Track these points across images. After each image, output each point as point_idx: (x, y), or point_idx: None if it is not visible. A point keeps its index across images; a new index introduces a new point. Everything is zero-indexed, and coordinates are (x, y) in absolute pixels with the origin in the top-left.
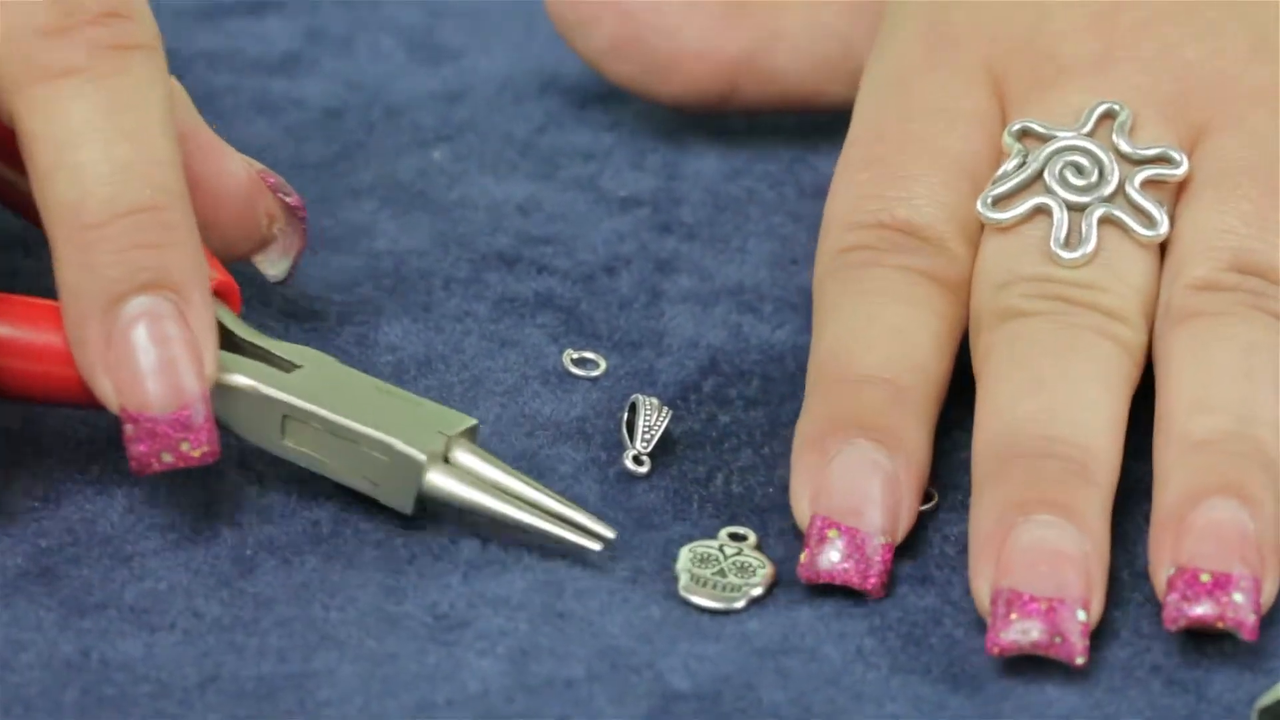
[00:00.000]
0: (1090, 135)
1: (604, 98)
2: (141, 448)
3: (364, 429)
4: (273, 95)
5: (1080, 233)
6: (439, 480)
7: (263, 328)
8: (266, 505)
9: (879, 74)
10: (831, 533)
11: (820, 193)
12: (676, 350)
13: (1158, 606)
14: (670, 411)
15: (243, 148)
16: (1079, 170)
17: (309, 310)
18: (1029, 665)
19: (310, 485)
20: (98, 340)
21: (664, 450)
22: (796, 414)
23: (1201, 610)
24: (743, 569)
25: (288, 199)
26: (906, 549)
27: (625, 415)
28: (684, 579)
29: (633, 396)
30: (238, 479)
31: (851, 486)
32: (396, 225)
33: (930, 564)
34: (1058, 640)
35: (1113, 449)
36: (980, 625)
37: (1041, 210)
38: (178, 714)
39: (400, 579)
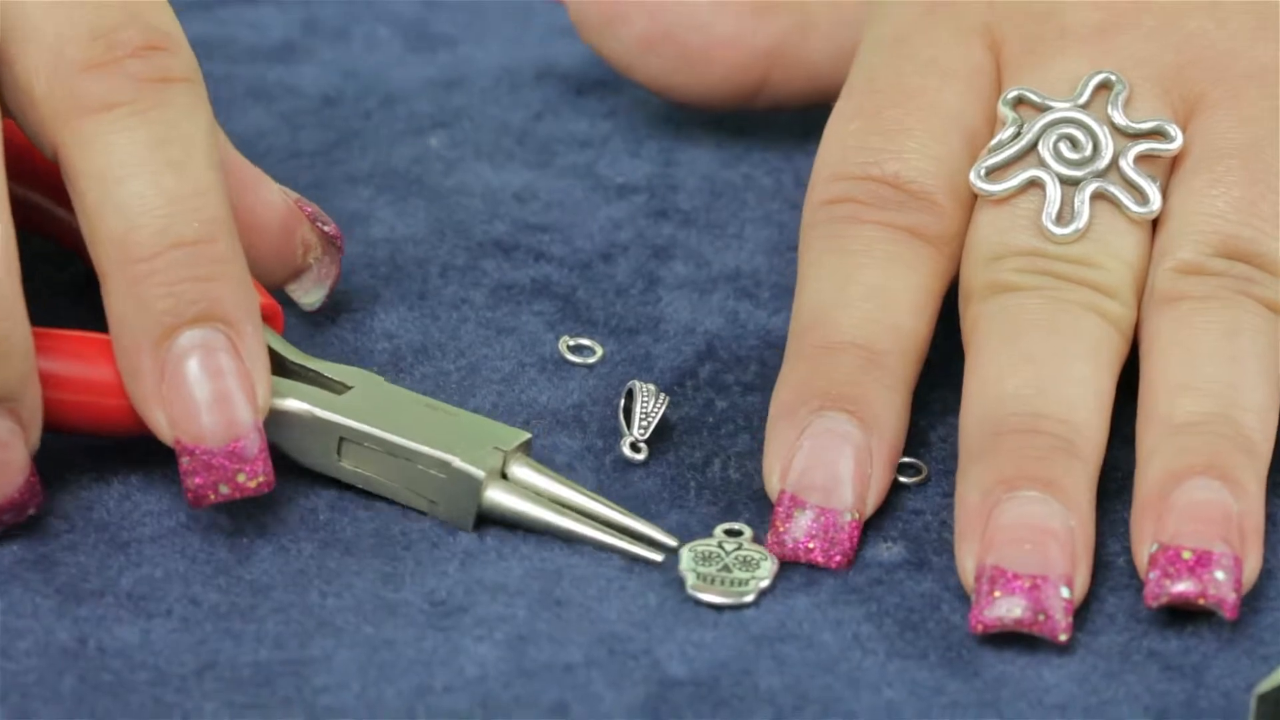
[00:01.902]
0: (1085, 107)
1: (600, 85)
2: (198, 480)
3: (421, 448)
4: (269, 83)
5: (1073, 208)
6: (499, 496)
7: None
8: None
9: (878, 33)
10: (798, 511)
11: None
12: (673, 336)
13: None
14: (667, 398)
15: (239, 136)
16: (1073, 143)
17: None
18: (1026, 649)
19: (307, 472)
20: (150, 373)
21: (661, 437)
22: None
23: (1183, 587)
24: (746, 563)
25: (325, 228)
26: (902, 534)
27: (622, 402)
28: (690, 578)
29: (630, 383)
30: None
31: (820, 462)
32: (393, 213)
33: (927, 549)
34: (1041, 618)
35: (1099, 424)
36: None
37: (1035, 183)
38: (175, 701)
39: (397, 565)
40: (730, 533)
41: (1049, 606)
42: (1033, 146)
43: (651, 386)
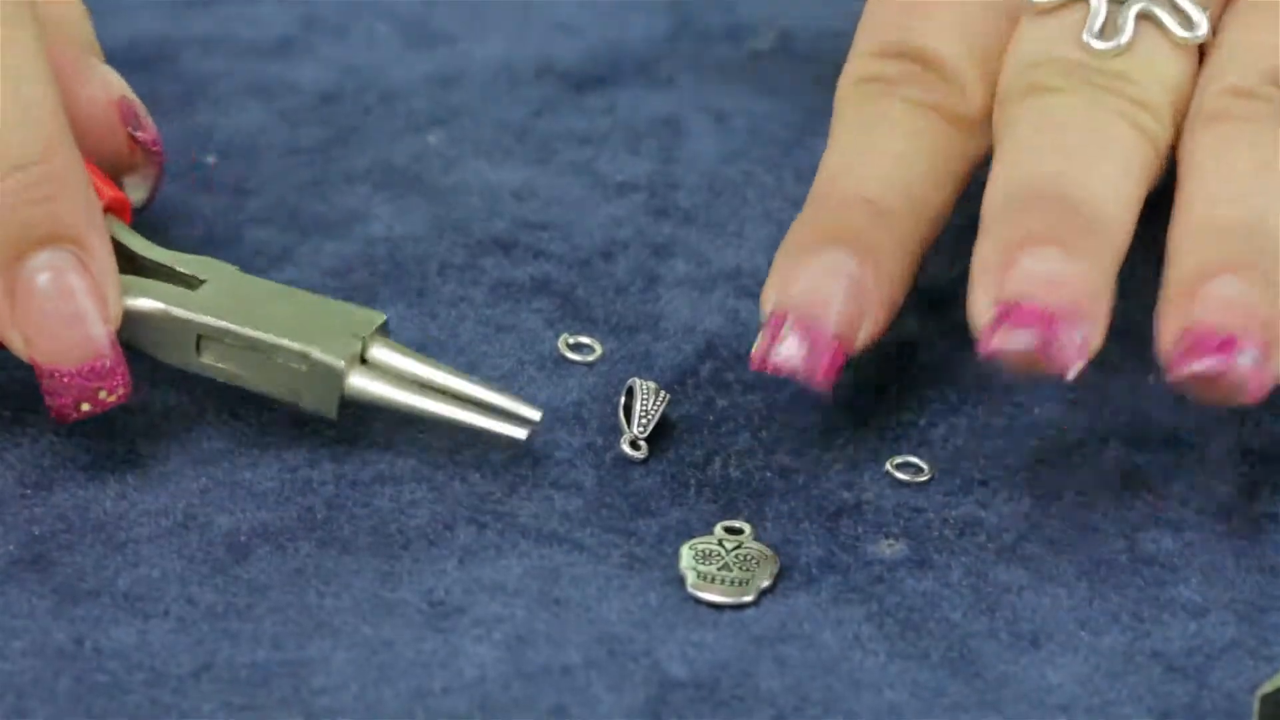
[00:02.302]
0: None
1: (600, 82)
2: (60, 400)
3: (280, 340)
4: (267, 80)
5: (1116, 25)
6: (361, 383)
7: None
8: (260, 491)
9: None
10: (785, 329)
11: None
12: (673, 335)
13: (1158, 591)
14: (668, 396)
15: (237, 132)
16: None
17: (306, 288)
18: (1029, 649)
19: (304, 471)
20: (2, 297)
21: (661, 435)
22: (795, 398)
23: (1208, 364)
24: (746, 561)
25: (139, 135)
26: (904, 531)
27: (622, 400)
28: (691, 577)
29: (630, 381)
30: (231, 465)
31: (815, 285)
32: (392, 210)
33: (929, 548)
34: (1055, 348)
35: (1126, 221)
36: (979, 608)
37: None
38: (171, 702)
39: (395, 565)
40: (731, 531)
41: (1063, 340)
42: None
43: (652, 384)
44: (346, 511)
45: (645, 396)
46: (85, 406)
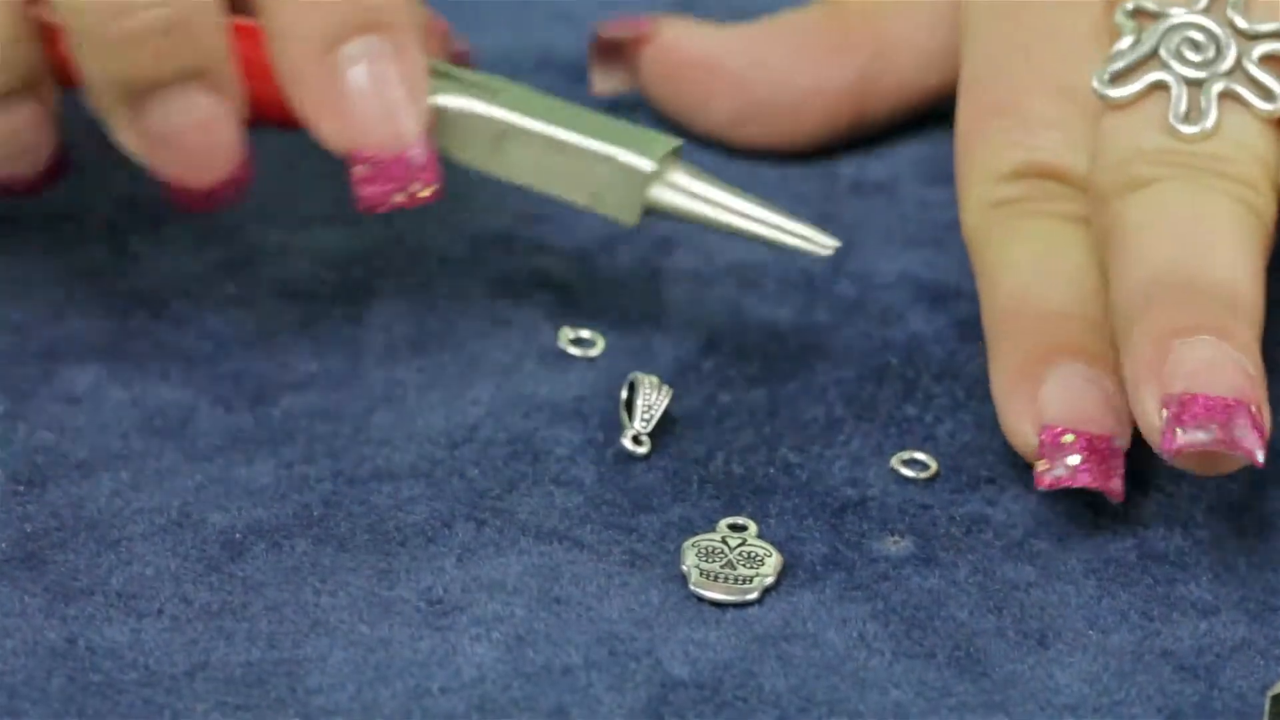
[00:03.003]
0: (1205, 11)
1: None
2: (373, 188)
3: (587, 142)
4: None
5: (1200, 108)
6: (663, 192)
7: (253, 305)
8: (256, 488)
9: (980, 5)
10: (1067, 438)
11: (822, 173)
12: (676, 328)
13: (1170, 589)
14: (670, 390)
15: None
16: (1195, 46)
17: (302, 289)
18: (1037, 648)
19: (300, 467)
20: (318, 82)
21: (663, 430)
22: (798, 394)
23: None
24: (750, 559)
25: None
26: (910, 528)
27: (624, 394)
28: (694, 575)
29: (632, 375)
30: (226, 462)
31: (1075, 397)
32: None
33: (935, 545)
34: (1238, 436)
35: (1257, 296)
36: (986, 606)
37: (1159, 86)
38: (166, 702)
39: (393, 562)
40: (734, 527)
41: (1241, 427)
42: (1154, 52)
43: (654, 379)
44: (343, 508)
45: (648, 391)
46: (398, 198)
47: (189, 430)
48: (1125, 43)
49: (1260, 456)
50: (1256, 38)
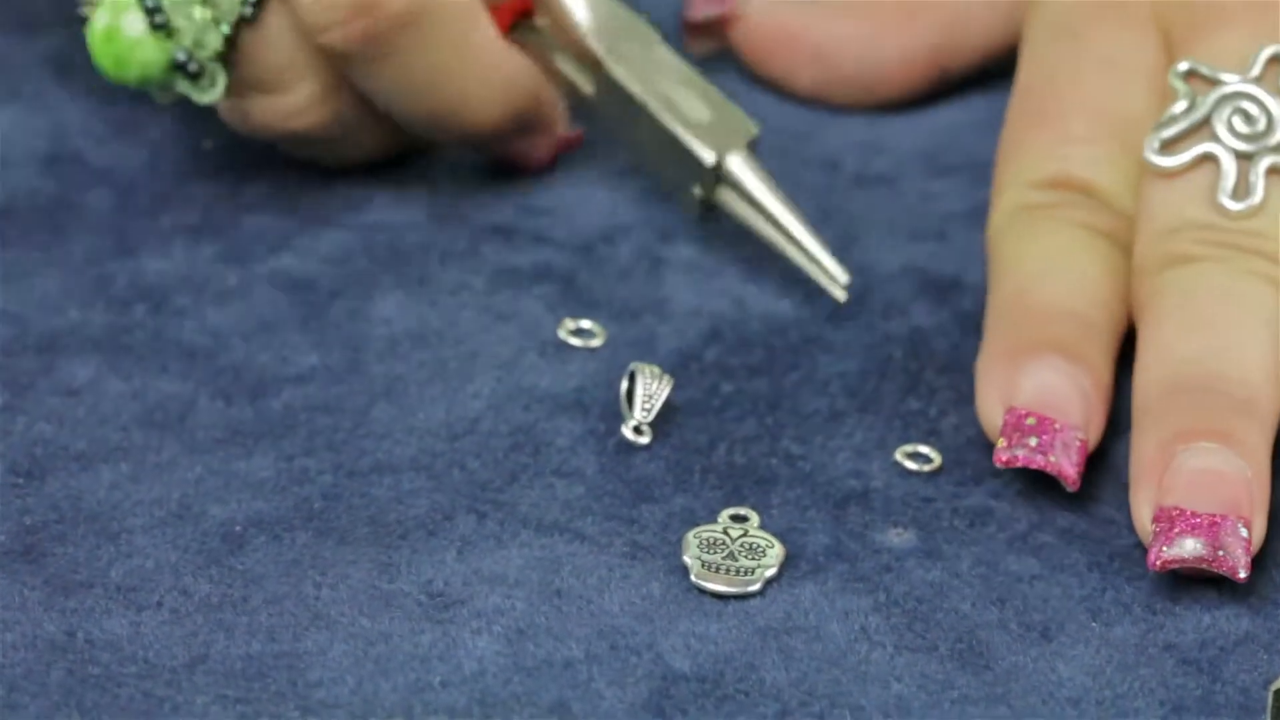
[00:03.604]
0: (1258, 80)
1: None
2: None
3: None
4: None
5: (1248, 183)
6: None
7: (254, 298)
8: (256, 481)
9: (1046, 19)
10: (1029, 421)
11: (825, 166)
12: (678, 319)
13: (1173, 584)
14: (671, 380)
15: None
16: (1247, 118)
17: (302, 283)
18: (1040, 641)
19: (301, 460)
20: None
21: (665, 420)
22: (800, 384)
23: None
24: (752, 550)
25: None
26: (913, 520)
27: (624, 385)
28: (695, 567)
29: (632, 365)
30: (227, 454)
31: (1047, 387)
32: (392, 198)
33: (939, 537)
34: (1221, 553)
35: (1277, 389)
36: (988, 599)
37: (1208, 158)
38: (165, 695)
39: (393, 555)
40: (736, 518)
41: (1228, 544)
42: (1206, 120)
43: (654, 368)
44: (344, 501)
45: (648, 381)
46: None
47: (189, 423)
48: (1179, 107)
49: (1243, 574)
50: None
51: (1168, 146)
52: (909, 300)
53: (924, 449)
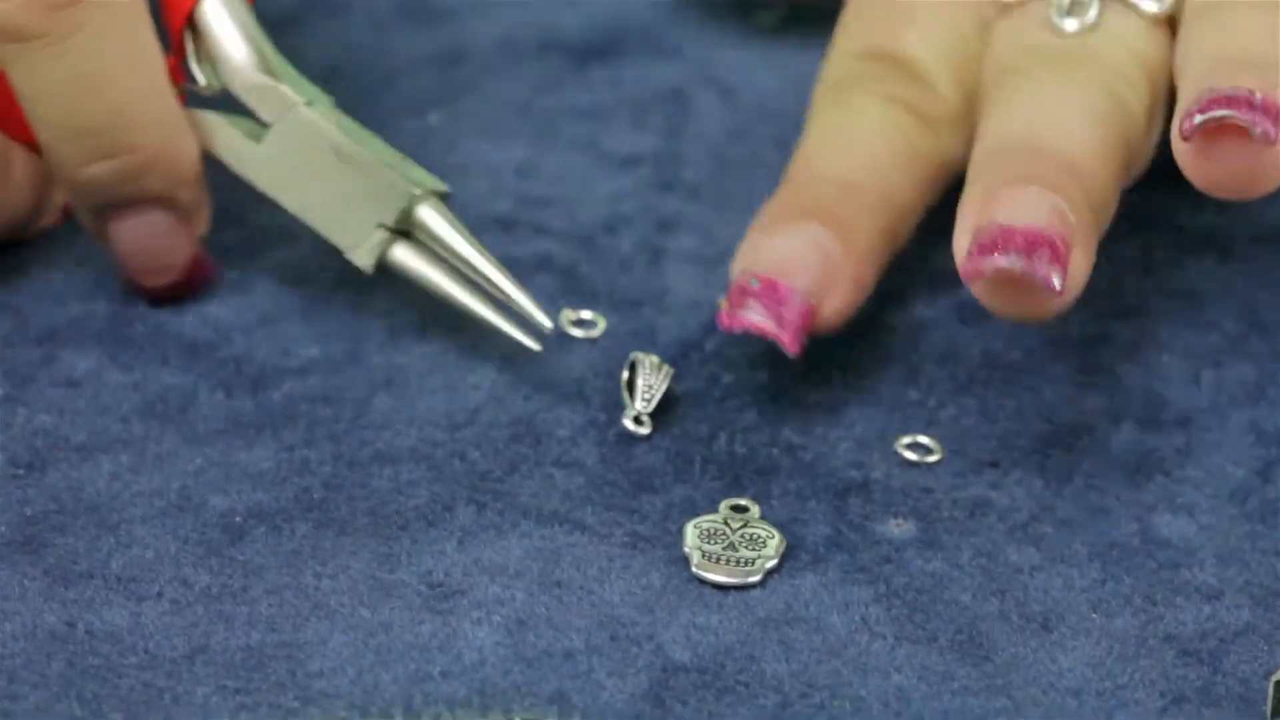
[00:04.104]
0: None
1: (603, 56)
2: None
3: (312, 223)
4: None
5: (1083, 6)
6: (400, 254)
7: (255, 290)
8: (256, 472)
9: None
10: (753, 283)
11: None
12: (678, 309)
13: (1171, 573)
14: (672, 370)
15: (236, 111)
16: None
17: (304, 275)
18: (1040, 632)
19: (301, 451)
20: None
21: (665, 411)
22: (801, 376)
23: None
24: (753, 541)
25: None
26: (913, 511)
27: (625, 375)
28: (695, 557)
29: (632, 355)
30: (227, 445)
31: (784, 252)
32: None
33: (938, 528)
34: (1035, 262)
35: (1102, 172)
36: (989, 590)
37: None
38: (165, 686)
39: (394, 546)
40: (736, 509)
41: (1042, 257)
42: None
43: (655, 359)
44: (344, 492)
45: (648, 371)
46: None
47: (189, 414)
48: None
49: (1057, 283)
50: None
51: None
52: (907, 290)
53: (924, 440)
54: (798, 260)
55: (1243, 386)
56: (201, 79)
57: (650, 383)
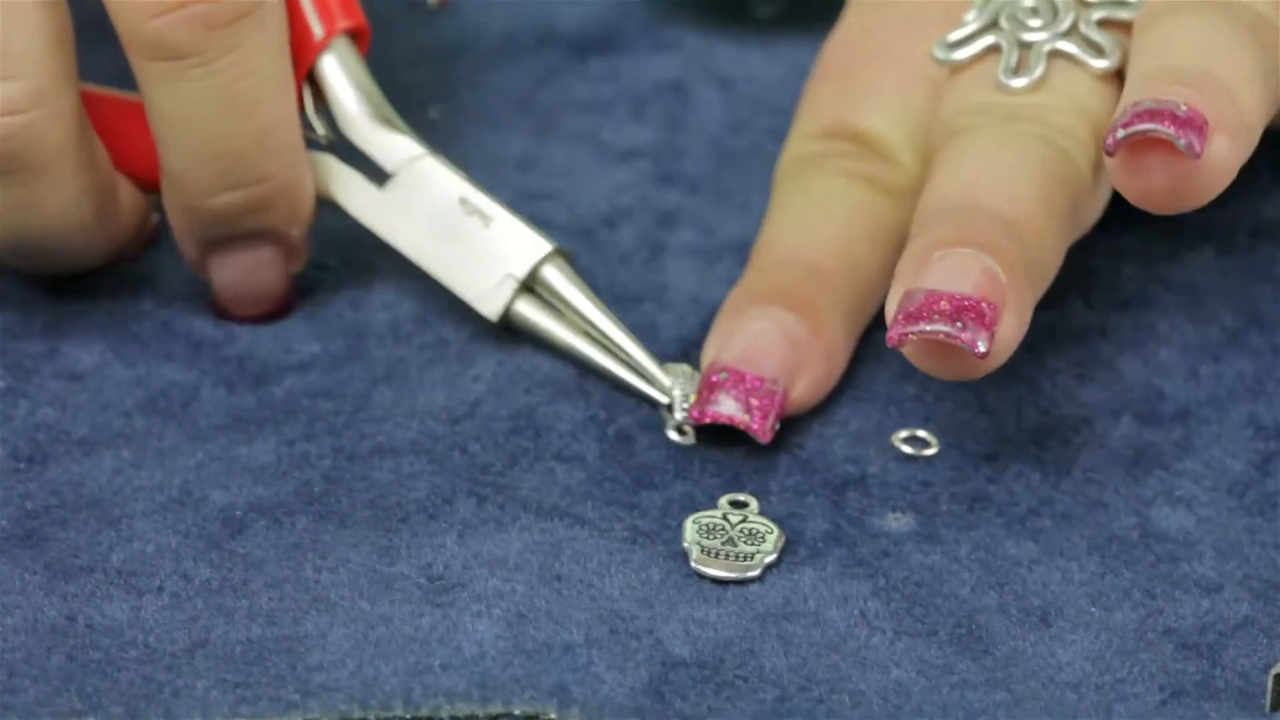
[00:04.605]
0: None
1: (603, 49)
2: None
3: (438, 275)
4: None
5: (1029, 64)
6: (524, 309)
7: None
8: (257, 466)
9: None
10: (721, 375)
11: None
12: (678, 304)
13: (1170, 567)
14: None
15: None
16: (1034, 13)
17: (305, 272)
18: (1039, 625)
19: (301, 445)
20: None
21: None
22: None
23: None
24: (752, 536)
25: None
26: (911, 505)
27: (667, 383)
28: (695, 552)
29: (670, 366)
30: (228, 440)
31: (751, 340)
32: None
33: (937, 522)
34: (961, 328)
35: (1039, 224)
36: (987, 583)
37: (994, 49)
38: (165, 680)
39: (394, 539)
40: (735, 504)
41: (970, 323)
42: (994, 20)
43: (686, 368)
44: (344, 485)
45: (684, 381)
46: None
47: (191, 410)
48: (969, 15)
49: (983, 347)
50: (1096, 5)
51: (956, 46)
52: None
53: (921, 434)
54: (763, 347)
55: (1241, 380)
56: (319, 129)
57: (687, 392)
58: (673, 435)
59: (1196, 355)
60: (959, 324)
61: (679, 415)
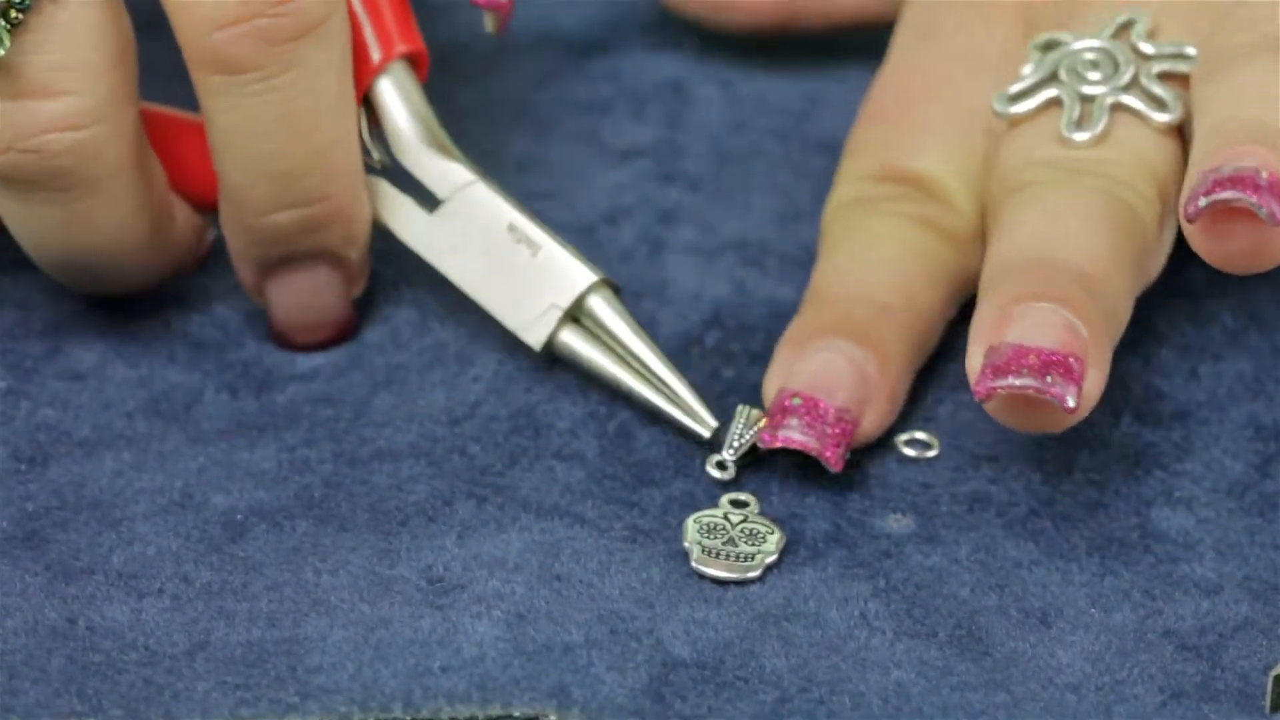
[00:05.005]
0: (1110, 39)
1: (602, 48)
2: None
3: (484, 303)
4: None
5: (1093, 118)
6: (568, 338)
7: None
8: (258, 470)
9: (909, 20)
10: (794, 401)
11: (825, 148)
12: (679, 302)
13: (1170, 568)
14: (763, 421)
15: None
16: (1094, 66)
17: None
18: (1039, 627)
19: (302, 450)
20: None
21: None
22: None
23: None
24: (752, 536)
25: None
26: (912, 507)
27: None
28: (695, 552)
29: (739, 407)
30: (229, 444)
31: (820, 368)
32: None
33: (937, 523)
34: (1050, 382)
35: (1112, 277)
36: (987, 584)
37: (1055, 103)
38: (166, 682)
39: (393, 541)
40: (736, 504)
41: (1058, 376)
42: (1054, 73)
43: (756, 412)
44: (344, 489)
45: (744, 423)
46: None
47: (194, 413)
48: (1028, 69)
49: (1071, 402)
50: (1156, 58)
51: (1016, 99)
52: None
53: (922, 435)
54: (833, 376)
55: (1241, 381)
56: (374, 153)
57: (741, 432)
58: (713, 472)
59: (1196, 356)
60: (1048, 378)
61: (726, 453)
